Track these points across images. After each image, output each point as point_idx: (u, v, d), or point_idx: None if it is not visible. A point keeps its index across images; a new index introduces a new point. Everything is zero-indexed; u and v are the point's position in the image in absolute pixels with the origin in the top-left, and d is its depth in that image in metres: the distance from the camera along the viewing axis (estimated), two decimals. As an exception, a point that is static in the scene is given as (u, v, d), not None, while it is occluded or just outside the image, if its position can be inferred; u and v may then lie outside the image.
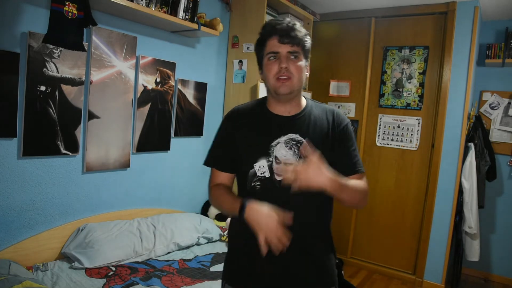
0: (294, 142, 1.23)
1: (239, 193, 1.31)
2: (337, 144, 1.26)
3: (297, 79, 1.22)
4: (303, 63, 1.23)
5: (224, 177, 1.34)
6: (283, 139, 1.24)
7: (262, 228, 1.11)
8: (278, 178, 1.22)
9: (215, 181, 1.35)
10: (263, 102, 1.32)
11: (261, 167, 1.24)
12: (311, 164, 1.08)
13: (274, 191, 1.22)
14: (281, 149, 1.23)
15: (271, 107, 1.29)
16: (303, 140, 1.22)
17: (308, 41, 1.25)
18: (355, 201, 1.22)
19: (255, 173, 1.24)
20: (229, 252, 1.36)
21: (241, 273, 1.29)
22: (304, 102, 1.31)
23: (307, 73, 1.28)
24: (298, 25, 1.23)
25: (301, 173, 1.07)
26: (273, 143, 1.24)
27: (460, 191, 3.17)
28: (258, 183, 1.24)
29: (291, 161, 1.19)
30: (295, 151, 1.22)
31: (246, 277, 1.27)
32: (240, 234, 1.27)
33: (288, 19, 1.24)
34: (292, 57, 1.21)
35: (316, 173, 1.07)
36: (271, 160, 1.23)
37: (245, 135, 1.28)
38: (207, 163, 1.37)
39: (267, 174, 1.23)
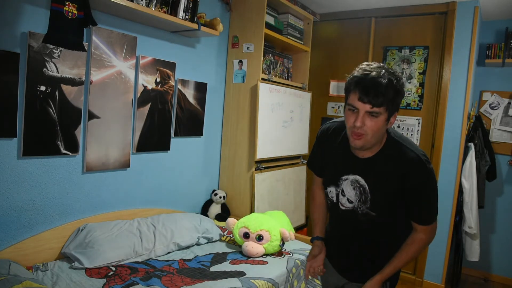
0: (358, 185, 1.33)
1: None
2: (407, 194, 1.28)
3: (371, 136, 1.22)
4: (382, 120, 1.20)
5: (319, 179, 1.57)
6: (350, 177, 1.35)
7: (308, 259, 1.55)
8: (342, 207, 1.40)
9: (315, 178, 1.61)
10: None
11: (331, 191, 1.43)
12: None
13: (338, 215, 1.44)
14: (347, 186, 1.36)
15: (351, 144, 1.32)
16: (366, 186, 1.31)
17: (397, 97, 1.20)
18: (409, 262, 1.39)
19: (327, 193, 1.45)
20: (327, 236, 1.59)
21: (329, 253, 1.57)
22: (383, 142, 1.31)
23: (388, 126, 1.27)
24: (385, 81, 1.15)
25: None
26: (343, 177, 1.37)
27: (460, 191, 3.17)
28: (329, 202, 1.47)
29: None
30: (357, 193, 1.33)
31: (331, 257, 1.58)
32: (332, 227, 1.57)
33: (378, 72, 1.16)
34: (372, 116, 1.19)
35: None
36: (338, 190, 1.39)
37: (328, 159, 1.45)
38: (309, 166, 1.62)
39: (335, 200, 1.42)
